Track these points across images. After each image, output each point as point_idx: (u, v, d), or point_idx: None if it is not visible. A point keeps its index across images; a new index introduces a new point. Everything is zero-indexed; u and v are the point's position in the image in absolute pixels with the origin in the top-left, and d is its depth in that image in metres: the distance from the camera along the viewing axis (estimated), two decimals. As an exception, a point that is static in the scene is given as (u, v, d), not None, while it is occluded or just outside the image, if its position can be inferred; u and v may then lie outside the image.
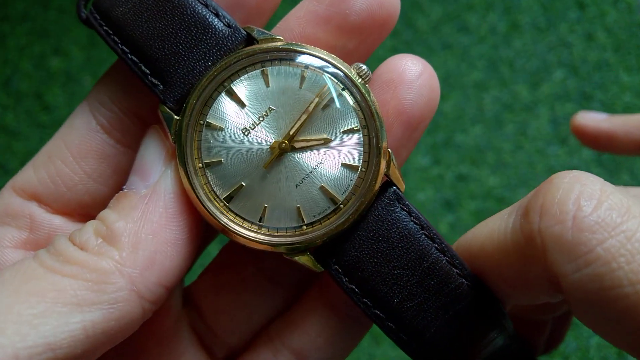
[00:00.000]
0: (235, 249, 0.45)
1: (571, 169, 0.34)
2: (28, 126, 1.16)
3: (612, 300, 0.30)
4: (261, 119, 0.38)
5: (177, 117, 0.38)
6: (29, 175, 0.41)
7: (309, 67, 0.38)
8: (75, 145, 0.41)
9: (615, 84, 1.18)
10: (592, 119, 0.64)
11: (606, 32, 1.22)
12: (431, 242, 0.38)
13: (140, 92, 0.40)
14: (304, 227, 0.38)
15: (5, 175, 1.13)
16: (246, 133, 0.38)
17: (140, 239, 0.35)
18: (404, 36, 1.21)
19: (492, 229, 0.38)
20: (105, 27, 0.39)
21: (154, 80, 0.38)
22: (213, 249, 0.54)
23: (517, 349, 0.43)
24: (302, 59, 0.38)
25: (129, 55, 0.38)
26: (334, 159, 0.38)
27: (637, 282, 0.29)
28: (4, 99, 1.19)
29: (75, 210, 0.41)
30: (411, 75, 0.40)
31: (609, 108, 1.16)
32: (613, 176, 1.10)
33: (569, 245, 0.31)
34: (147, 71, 0.38)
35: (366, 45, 0.41)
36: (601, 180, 0.33)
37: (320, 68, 0.38)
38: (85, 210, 0.41)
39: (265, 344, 0.43)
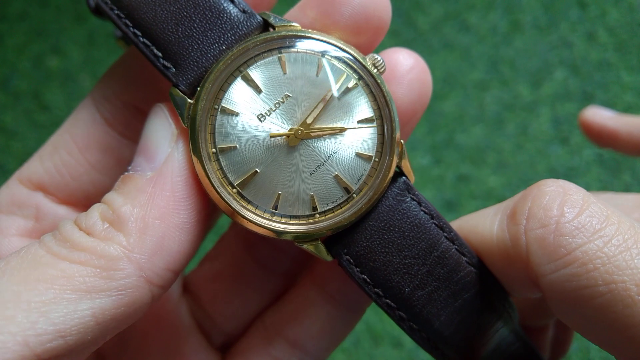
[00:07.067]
0: (231, 238, 0.46)
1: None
2: (26, 126, 1.16)
3: (587, 299, 0.32)
4: (277, 105, 0.37)
5: (191, 101, 0.37)
6: (35, 165, 0.41)
7: (326, 55, 0.38)
8: (80, 137, 0.41)
9: (617, 83, 1.17)
10: (599, 116, 0.66)
11: (607, 31, 1.21)
12: (441, 231, 0.38)
13: (143, 86, 0.41)
14: (317, 215, 0.38)
15: (4, 175, 1.12)
16: (262, 119, 0.37)
17: (148, 224, 0.34)
18: (404, 35, 1.21)
19: (476, 224, 0.39)
20: (116, 11, 0.38)
21: (165, 63, 0.37)
22: (206, 241, 0.54)
23: (522, 348, 0.43)
24: (319, 46, 0.38)
25: (140, 38, 0.38)
26: (349, 148, 0.38)
27: (611, 282, 0.31)
28: (2, 98, 1.18)
29: (80, 201, 0.42)
30: (402, 70, 0.40)
31: (610, 108, 1.15)
32: (614, 176, 1.10)
33: (550, 247, 0.33)
34: (159, 54, 0.38)
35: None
36: (584, 191, 0.36)
37: (337, 57, 0.38)
38: (90, 201, 0.41)
39: (260, 333, 0.44)
